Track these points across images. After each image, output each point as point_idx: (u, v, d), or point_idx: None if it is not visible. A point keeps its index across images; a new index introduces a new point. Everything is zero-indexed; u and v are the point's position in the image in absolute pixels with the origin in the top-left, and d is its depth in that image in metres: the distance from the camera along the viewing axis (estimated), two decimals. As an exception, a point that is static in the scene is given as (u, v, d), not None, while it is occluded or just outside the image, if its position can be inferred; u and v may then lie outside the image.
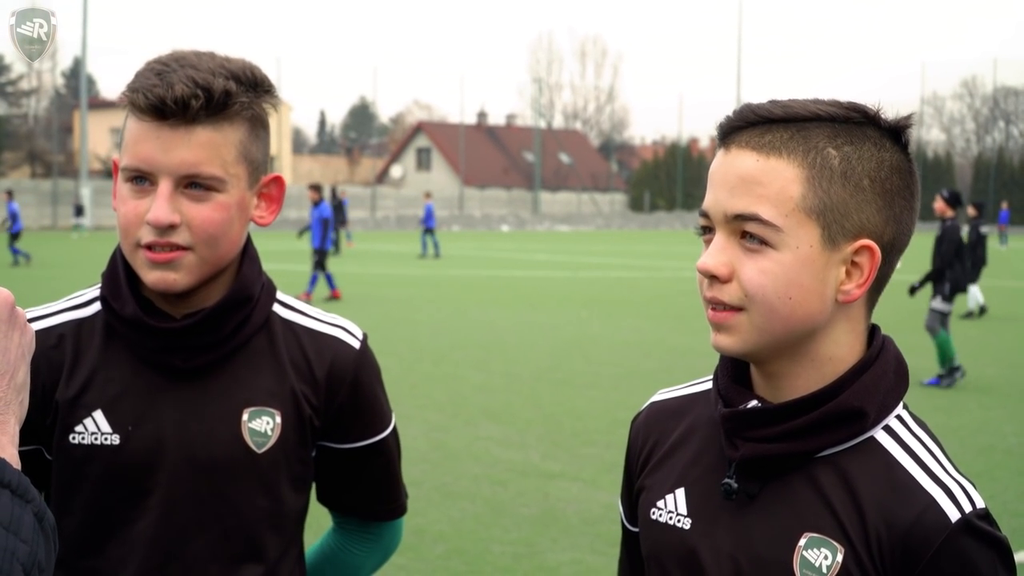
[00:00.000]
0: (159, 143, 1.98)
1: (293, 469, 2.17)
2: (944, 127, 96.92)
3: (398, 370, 13.29)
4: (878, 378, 1.66)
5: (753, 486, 1.67)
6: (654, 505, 1.79)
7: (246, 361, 2.15)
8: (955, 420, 11.14)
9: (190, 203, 2.00)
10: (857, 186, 1.61)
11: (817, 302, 1.62)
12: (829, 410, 1.63)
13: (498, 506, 7.79)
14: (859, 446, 1.65)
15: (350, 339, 2.26)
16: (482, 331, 17.61)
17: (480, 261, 35.75)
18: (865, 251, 1.63)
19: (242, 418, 2.12)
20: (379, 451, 2.30)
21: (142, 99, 1.96)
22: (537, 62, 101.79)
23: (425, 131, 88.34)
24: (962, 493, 1.61)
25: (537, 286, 26.17)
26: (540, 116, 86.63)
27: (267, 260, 2.46)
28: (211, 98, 1.97)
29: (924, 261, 15.19)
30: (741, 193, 1.61)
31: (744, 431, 1.66)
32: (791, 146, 1.61)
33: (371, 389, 2.28)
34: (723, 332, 1.65)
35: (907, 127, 1.67)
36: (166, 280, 2.02)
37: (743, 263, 1.61)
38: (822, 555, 1.61)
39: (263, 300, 2.19)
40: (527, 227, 69.44)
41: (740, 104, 1.73)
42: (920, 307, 16.89)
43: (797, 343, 1.65)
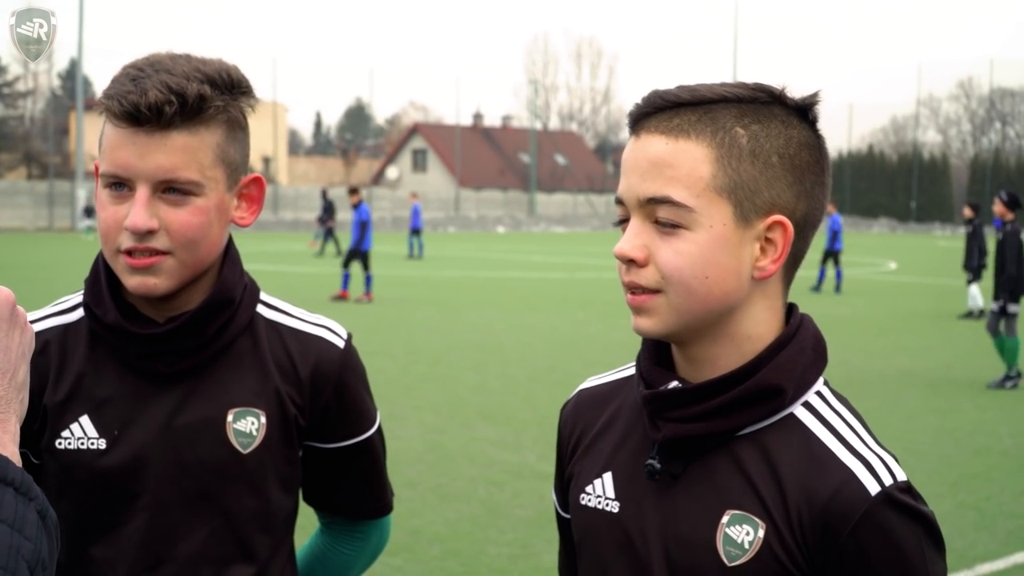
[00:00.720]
0: (135, 149, 1.98)
1: (280, 469, 2.18)
2: (940, 128, 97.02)
3: (394, 371, 13.30)
4: (796, 355, 1.67)
5: (677, 466, 1.69)
6: (583, 490, 1.80)
7: (230, 363, 2.15)
8: (951, 422, 11.14)
9: (168, 208, 2.01)
10: (766, 163, 1.63)
11: (733, 280, 1.64)
12: (747, 388, 1.64)
13: (494, 507, 7.78)
14: (779, 423, 1.66)
15: (334, 339, 2.26)
16: (478, 332, 17.61)
17: (476, 262, 35.73)
18: (778, 227, 1.64)
19: (227, 419, 2.12)
20: (364, 450, 2.30)
21: (117, 106, 1.96)
22: (533, 63, 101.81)
23: (421, 132, 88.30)
24: (882, 466, 1.62)
25: (533, 287, 26.17)
26: (536, 117, 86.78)
27: (265, 261, 2.45)
28: (185, 103, 1.97)
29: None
30: (652, 177, 1.63)
31: (665, 412, 1.68)
32: (699, 128, 1.63)
33: (356, 389, 2.28)
34: (643, 315, 1.67)
35: (813, 104, 1.69)
36: (146, 284, 2.02)
37: (659, 246, 1.63)
38: (744, 531, 1.62)
39: (246, 302, 2.19)
40: (523, 228, 69.42)
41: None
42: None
43: (716, 322, 1.66)
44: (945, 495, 8.38)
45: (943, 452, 9.76)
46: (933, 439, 10.29)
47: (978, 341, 16.76)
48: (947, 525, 7.58)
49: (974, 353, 16.03)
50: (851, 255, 42.48)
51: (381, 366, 13.54)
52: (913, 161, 79.71)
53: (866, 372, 14.18)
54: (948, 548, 6.34)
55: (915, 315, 21.36)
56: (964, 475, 8.99)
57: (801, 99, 1.69)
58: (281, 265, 32.48)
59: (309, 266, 32.66)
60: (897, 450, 8.99)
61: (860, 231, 73.54)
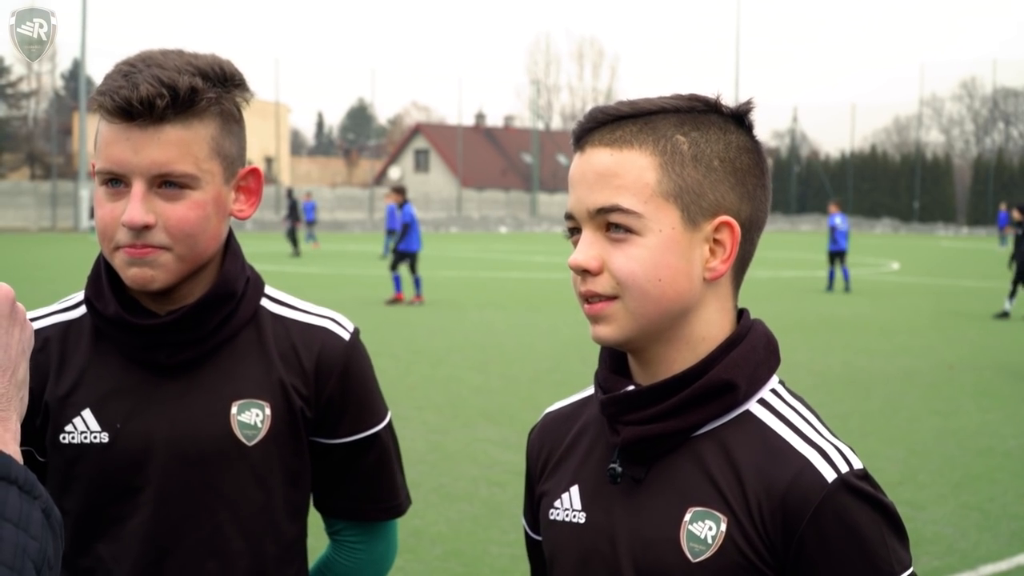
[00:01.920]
0: (129, 144, 1.98)
1: (286, 461, 2.17)
2: (943, 128, 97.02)
3: (395, 372, 13.30)
4: (747, 352, 1.72)
5: (638, 470, 1.72)
6: (551, 506, 1.84)
7: (234, 354, 2.15)
8: (953, 423, 11.13)
9: (164, 203, 2.00)
10: (708, 167, 1.69)
11: (685, 281, 1.69)
12: (700, 386, 1.68)
13: (496, 508, 7.78)
14: (736, 419, 1.70)
15: (339, 330, 2.25)
16: (480, 333, 17.61)
17: (478, 263, 35.73)
18: (725, 227, 1.70)
19: (231, 411, 2.12)
20: (370, 446, 2.27)
21: (109, 102, 1.96)
22: (535, 64, 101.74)
23: (423, 133, 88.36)
24: (837, 454, 1.65)
25: (536, 288, 26.18)
26: (538, 118, 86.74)
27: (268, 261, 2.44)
28: (177, 96, 1.97)
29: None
30: (600, 187, 1.68)
31: (623, 415, 1.72)
32: (641, 137, 1.69)
33: (362, 381, 2.26)
34: (601, 323, 1.71)
35: (748, 111, 1.76)
36: (144, 276, 2.02)
37: (611, 254, 1.68)
38: (706, 527, 1.65)
39: (249, 294, 2.19)
40: (525, 229, 69.41)
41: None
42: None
43: (671, 326, 1.71)
44: (948, 496, 8.37)
45: (946, 453, 9.75)
46: (936, 440, 10.27)
47: (980, 342, 16.76)
48: (950, 526, 7.58)
49: (977, 354, 16.01)
50: (854, 255, 42.49)
51: (383, 366, 13.48)
52: (916, 161, 79.61)
53: (869, 373, 14.16)
54: (951, 549, 6.33)
55: (918, 316, 21.34)
56: (967, 476, 8.98)
57: (736, 107, 1.75)
58: (285, 266, 32.48)
59: (312, 266, 32.66)
60: (900, 451, 8.99)
61: (863, 231, 73.50)
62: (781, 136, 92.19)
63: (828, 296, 25.39)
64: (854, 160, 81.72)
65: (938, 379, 13.81)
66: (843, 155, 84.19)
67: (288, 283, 25.26)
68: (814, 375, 13.74)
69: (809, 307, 22.35)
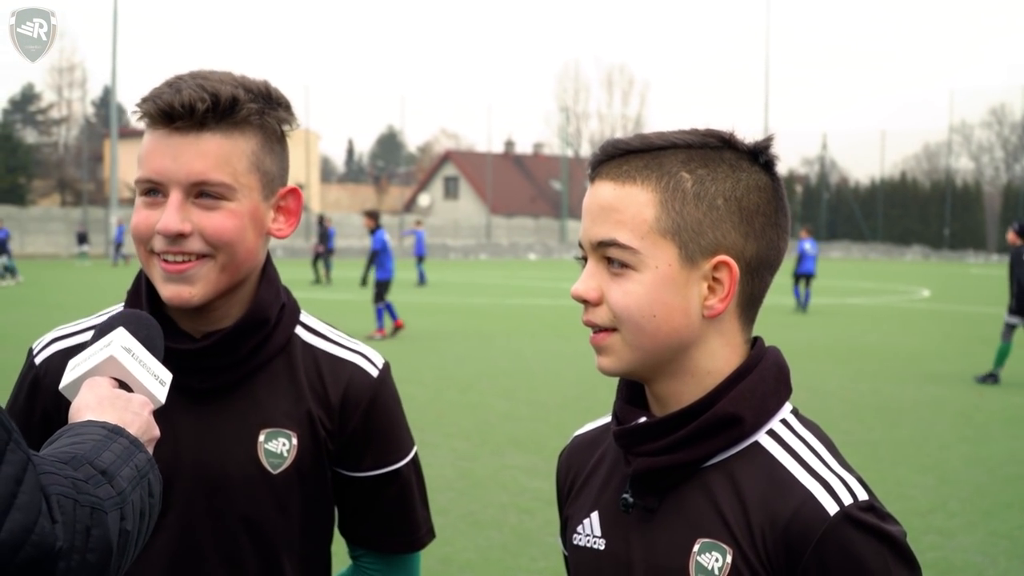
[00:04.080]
0: (168, 151, 1.99)
1: (310, 492, 2.18)
2: (973, 155, 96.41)
3: (424, 399, 13.30)
4: (754, 384, 1.73)
5: (651, 500, 1.75)
6: (575, 531, 1.87)
7: (265, 382, 2.15)
8: (983, 450, 11.06)
9: (200, 212, 2.01)
10: (711, 205, 1.70)
11: (681, 317, 1.70)
12: (706, 419, 1.70)
13: (525, 535, 7.76)
14: (745, 451, 1.72)
15: (368, 366, 2.25)
16: (509, 360, 17.60)
17: (507, 290, 35.72)
18: (723, 267, 1.70)
19: (259, 439, 2.13)
20: (392, 481, 2.28)
21: (152, 106, 1.98)
22: (564, 91, 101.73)
23: (453, 160, 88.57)
24: (841, 486, 1.65)
25: (564, 315, 26.12)
26: (567, 145, 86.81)
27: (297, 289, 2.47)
28: (218, 102, 1.98)
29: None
30: (602, 221, 1.71)
31: (635, 447, 1.75)
32: (645, 173, 1.71)
33: (387, 417, 2.26)
34: (602, 354, 1.76)
35: (765, 148, 1.75)
36: (181, 295, 2.02)
37: (610, 286, 1.71)
38: (713, 558, 1.67)
39: (284, 322, 2.19)
40: (554, 256, 69.37)
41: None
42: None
43: (673, 359, 1.73)
44: (978, 524, 8.31)
45: (976, 481, 9.68)
46: (966, 468, 10.20)
47: (1011, 369, 16.64)
48: (980, 554, 7.53)
49: (1007, 381, 15.90)
50: (883, 282, 42.25)
51: (411, 393, 13.52)
52: (946, 188, 79.20)
53: (898, 400, 14.08)
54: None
55: (948, 343, 21.22)
56: (997, 504, 8.91)
57: (752, 144, 1.75)
58: (314, 293, 32.55)
59: (340, 293, 32.71)
60: (930, 479, 8.94)
61: (893, 258, 73.15)
62: (811, 163, 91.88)
63: (857, 324, 25.27)
64: (884, 187, 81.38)
65: (968, 406, 13.71)
66: (873, 182, 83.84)
67: (315, 310, 25.29)
68: (844, 403, 13.67)
69: (839, 335, 22.24)
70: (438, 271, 39.45)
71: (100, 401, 1.70)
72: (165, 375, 1.84)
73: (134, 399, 1.74)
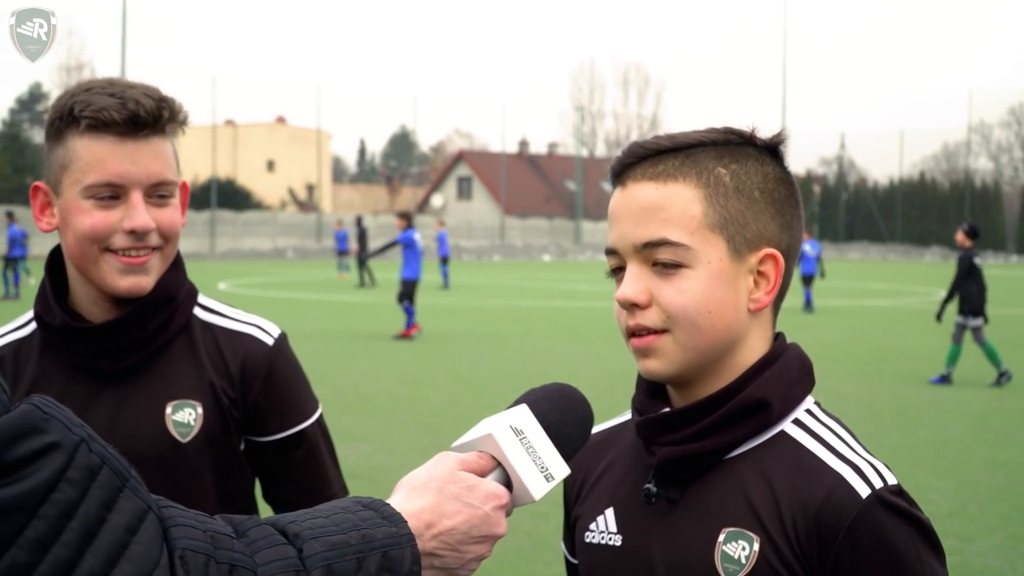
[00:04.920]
0: (127, 156, 2.15)
1: (219, 457, 2.34)
2: (992, 155, 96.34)
3: (437, 402, 13.28)
4: (780, 372, 1.73)
5: (674, 492, 1.73)
6: (587, 529, 1.86)
7: (168, 360, 2.32)
8: (1003, 454, 10.99)
9: (156, 209, 2.21)
10: (750, 198, 1.72)
11: (733, 312, 1.70)
12: (734, 405, 1.70)
13: (540, 540, 7.73)
14: (771, 440, 1.71)
15: (263, 336, 2.41)
16: (523, 362, 17.56)
17: (521, 291, 35.74)
18: (769, 259, 1.73)
19: (166, 411, 2.29)
20: (299, 442, 2.43)
21: (115, 115, 2.13)
22: (579, 90, 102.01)
23: (466, 160, 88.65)
24: (872, 470, 1.65)
25: (579, 316, 26.13)
26: (582, 144, 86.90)
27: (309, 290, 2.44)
28: (172, 110, 2.19)
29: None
30: (646, 222, 1.70)
31: (658, 436, 1.74)
32: (684, 170, 1.71)
33: (286, 382, 2.42)
34: (651, 356, 1.72)
35: (781, 143, 1.78)
36: (140, 284, 2.22)
37: (660, 287, 1.69)
38: (740, 547, 1.66)
39: (185, 303, 2.35)
40: (569, 257, 69.39)
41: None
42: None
43: (720, 357, 1.72)
44: (997, 528, 8.25)
45: (995, 484, 9.61)
46: (985, 471, 10.13)
47: (1031, 371, 16.55)
48: (998, 558, 7.48)
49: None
50: (902, 284, 42.18)
51: (424, 397, 13.55)
52: (965, 189, 79.13)
53: (918, 402, 14.03)
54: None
55: (967, 344, 21.10)
56: (1016, 508, 8.85)
57: (769, 139, 1.77)
58: (324, 294, 32.59)
59: (354, 295, 32.75)
60: (950, 483, 8.87)
61: (912, 260, 73.04)
62: (829, 163, 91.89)
63: (876, 326, 25.18)
64: (903, 187, 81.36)
65: (988, 409, 13.65)
66: (891, 182, 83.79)
67: (329, 311, 25.34)
68: (862, 405, 13.60)
69: (857, 336, 22.17)
70: (452, 272, 39.43)
71: (428, 481, 1.54)
72: (558, 470, 1.64)
73: (479, 488, 1.55)
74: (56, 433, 1.24)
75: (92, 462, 1.26)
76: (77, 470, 1.24)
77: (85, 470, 1.25)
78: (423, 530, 1.48)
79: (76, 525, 1.22)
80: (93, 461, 1.26)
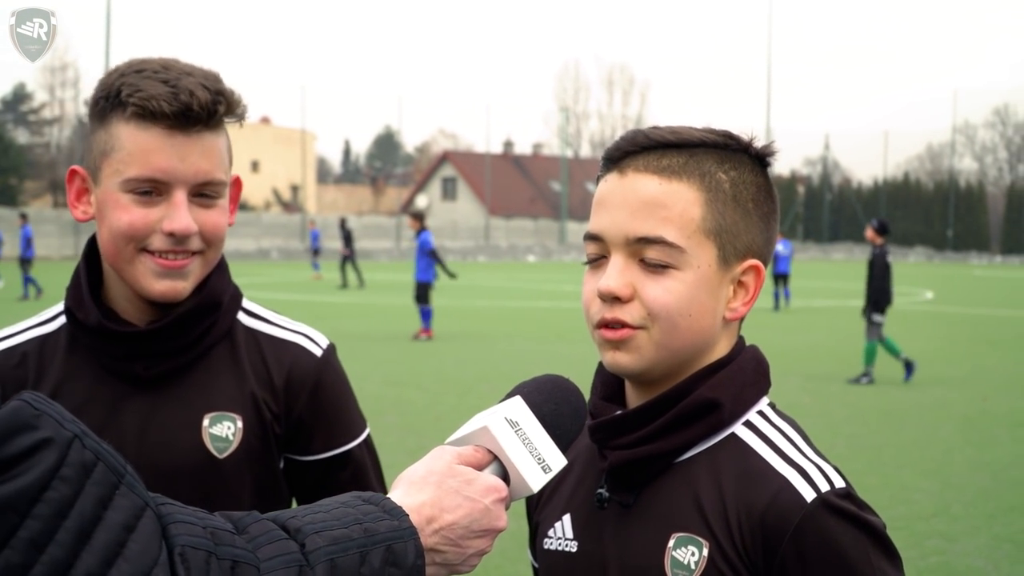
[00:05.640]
0: (174, 151, 1.97)
1: (258, 476, 2.16)
2: (976, 156, 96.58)
3: (423, 402, 13.24)
4: (733, 373, 1.71)
5: (627, 496, 1.72)
6: (546, 535, 1.84)
7: (208, 368, 2.15)
8: (987, 454, 10.99)
9: (201, 210, 2.03)
10: (744, 208, 1.71)
11: (710, 319, 1.69)
12: (685, 405, 1.68)
13: (524, 541, 7.59)
14: (721, 443, 1.69)
15: (311, 346, 2.24)
16: (508, 363, 17.53)
17: (506, 292, 35.70)
18: (752, 271, 1.72)
19: (203, 424, 2.12)
20: (345, 464, 2.25)
21: (165, 106, 1.95)
22: (564, 91, 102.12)
23: (451, 160, 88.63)
24: (819, 474, 1.63)
25: (564, 317, 26.10)
26: (567, 145, 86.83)
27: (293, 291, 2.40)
28: (229, 104, 2.02)
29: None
30: (644, 216, 1.66)
31: (610, 440, 1.72)
32: (688, 170, 1.68)
33: (334, 398, 2.25)
34: (623, 350, 1.70)
35: (771, 154, 1.76)
36: (176, 289, 2.04)
37: (645, 283, 1.67)
38: (689, 552, 1.64)
39: (229, 308, 2.19)
40: (554, 257, 69.35)
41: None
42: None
43: (689, 359, 1.71)
44: (982, 528, 8.25)
45: (980, 485, 9.61)
46: (970, 471, 10.14)
47: (1015, 372, 16.58)
48: (982, 559, 7.47)
49: (1011, 384, 15.86)
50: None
51: (409, 397, 13.50)
52: (949, 189, 79.34)
53: (903, 403, 14.04)
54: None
55: (952, 346, 21.16)
56: (1001, 507, 8.85)
57: (763, 148, 1.75)
58: (308, 295, 32.53)
59: (338, 296, 32.69)
60: (934, 483, 8.86)
61: (896, 260, 72.99)
62: (813, 164, 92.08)
63: (860, 326, 25.19)
64: (887, 188, 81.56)
65: (972, 410, 13.65)
66: (876, 183, 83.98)
67: (313, 312, 25.28)
68: (847, 406, 13.60)
69: (841, 337, 22.17)
70: (436, 273, 39.19)
71: (427, 475, 1.52)
72: (555, 461, 1.60)
73: (478, 481, 1.53)
74: (48, 429, 1.21)
75: (86, 458, 1.23)
76: (71, 467, 1.21)
77: (79, 467, 1.21)
78: (424, 525, 1.46)
79: (71, 524, 1.19)
80: (87, 457, 1.23)
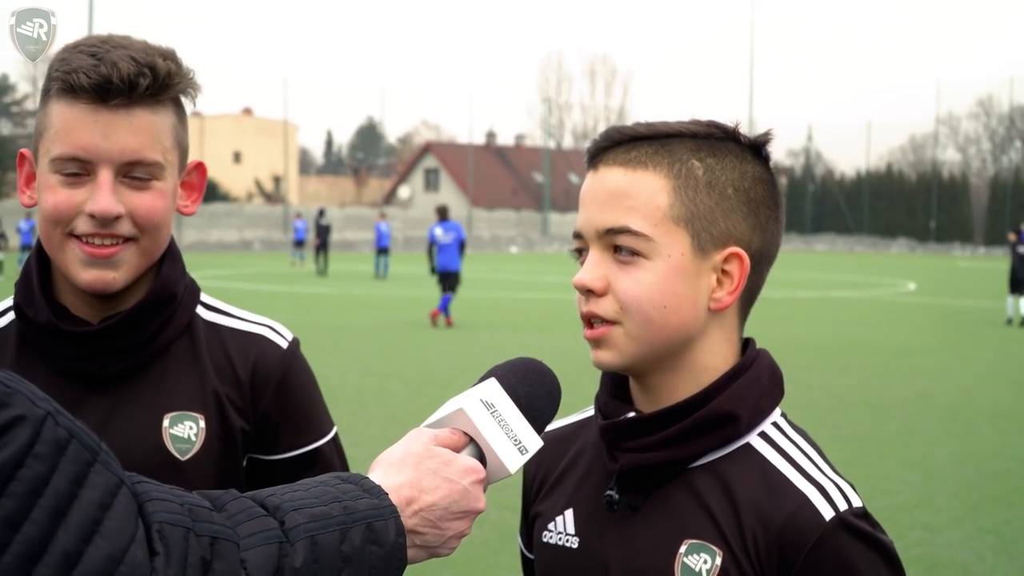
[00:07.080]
0: (98, 128, 1.86)
1: (221, 477, 2.06)
2: (960, 147, 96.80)
3: (405, 394, 13.22)
4: (751, 384, 1.69)
5: (635, 498, 1.70)
6: (546, 528, 1.83)
7: (166, 366, 2.04)
8: (970, 446, 11.01)
9: (132, 192, 1.91)
10: (722, 194, 1.67)
11: (690, 309, 1.66)
12: (702, 415, 1.66)
13: (507, 531, 7.68)
14: (736, 452, 1.68)
15: (277, 338, 2.15)
16: (491, 354, 17.49)
17: (489, 283, 35.66)
18: (734, 259, 1.68)
19: (163, 424, 2.02)
20: (313, 463, 2.16)
21: (83, 79, 1.84)
22: (546, 82, 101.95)
23: (433, 152, 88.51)
24: (837, 492, 1.62)
25: (547, 308, 26.10)
26: (550, 136, 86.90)
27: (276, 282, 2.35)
28: (156, 77, 1.88)
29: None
30: (611, 208, 1.66)
31: (622, 442, 1.70)
32: (656, 159, 1.67)
33: (301, 393, 2.16)
34: (602, 347, 1.68)
35: (766, 142, 1.73)
36: (104, 280, 1.92)
37: (617, 276, 1.65)
38: (701, 559, 1.63)
39: (186, 301, 2.08)
40: (536, 248, 69.38)
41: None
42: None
43: (674, 353, 1.69)
44: (965, 519, 8.27)
45: (963, 476, 9.63)
46: (953, 463, 10.16)
47: (998, 363, 16.63)
48: (966, 550, 7.49)
49: (993, 376, 15.90)
50: (869, 275, 42.36)
51: (392, 388, 13.47)
52: (932, 180, 79.51)
53: (885, 395, 14.05)
54: (967, 573, 6.23)
55: (935, 337, 21.21)
56: (984, 499, 8.87)
57: (754, 137, 1.73)
58: (290, 286, 32.46)
59: (319, 287, 32.63)
60: (917, 474, 8.85)
61: (879, 251, 73.45)
62: (796, 155, 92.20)
63: (843, 317, 25.27)
64: (870, 179, 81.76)
65: (955, 401, 13.69)
66: (859, 174, 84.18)
67: (294, 303, 25.23)
68: (830, 397, 13.62)
69: (825, 328, 22.22)
70: (418, 264, 39.28)
71: (404, 457, 1.51)
72: (532, 443, 1.58)
73: (456, 463, 1.51)
74: (20, 407, 1.18)
75: (60, 436, 1.20)
76: (45, 444, 1.18)
77: (53, 444, 1.19)
78: (404, 506, 1.45)
79: (46, 502, 1.16)
80: (61, 435, 1.20)
